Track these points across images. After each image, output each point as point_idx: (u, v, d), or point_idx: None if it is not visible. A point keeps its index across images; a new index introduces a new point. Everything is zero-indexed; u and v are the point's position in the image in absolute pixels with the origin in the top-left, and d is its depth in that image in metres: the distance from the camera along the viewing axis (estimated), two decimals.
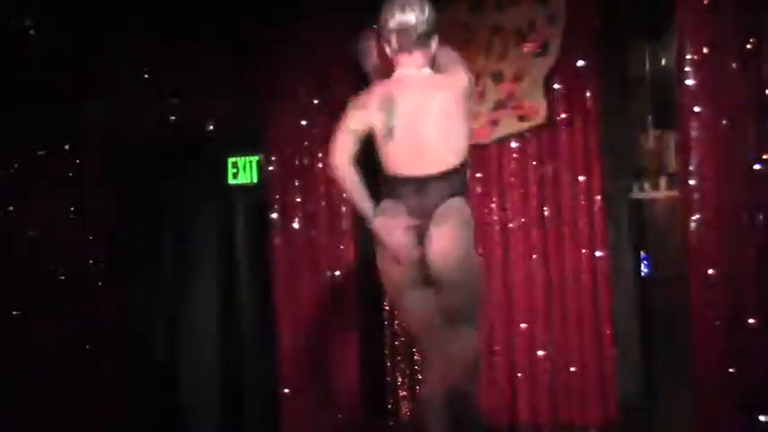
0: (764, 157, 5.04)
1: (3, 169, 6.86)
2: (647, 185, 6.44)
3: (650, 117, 6.44)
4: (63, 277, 6.87)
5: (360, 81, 6.69)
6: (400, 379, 6.73)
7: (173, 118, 7.16)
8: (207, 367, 7.14)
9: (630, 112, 6.44)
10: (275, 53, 6.95)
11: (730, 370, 5.10)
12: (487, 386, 6.31)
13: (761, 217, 5.04)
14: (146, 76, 7.11)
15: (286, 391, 6.78)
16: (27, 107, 6.68)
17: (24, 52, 6.63)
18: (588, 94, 6.27)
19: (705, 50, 5.19)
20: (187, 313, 7.27)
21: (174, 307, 7.29)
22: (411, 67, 4.32)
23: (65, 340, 6.65)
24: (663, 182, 6.37)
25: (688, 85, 5.23)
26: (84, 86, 6.81)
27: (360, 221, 6.76)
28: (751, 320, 5.06)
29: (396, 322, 6.75)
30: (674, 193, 5.87)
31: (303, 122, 6.90)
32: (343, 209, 6.81)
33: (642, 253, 6.49)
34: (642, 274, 6.46)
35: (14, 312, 6.68)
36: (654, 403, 6.14)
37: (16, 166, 6.94)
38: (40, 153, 6.96)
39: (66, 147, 7.05)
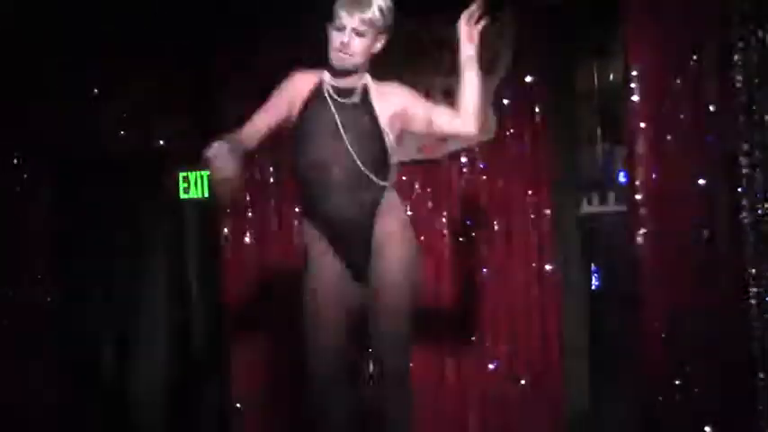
0: (708, 172, 5.08)
1: None
2: (595, 200, 6.48)
3: (599, 131, 6.49)
4: (10, 294, 6.81)
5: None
6: None
7: (122, 132, 7.10)
8: (157, 388, 7.08)
9: (579, 127, 6.48)
10: (231, 70, 6.92)
11: (676, 382, 5.13)
12: (436, 398, 6.32)
13: (706, 231, 5.08)
14: (95, 90, 7.06)
15: (238, 406, 6.74)
16: None
17: None
18: (537, 109, 6.31)
19: (650, 66, 5.24)
20: (138, 332, 7.21)
21: (125, 327, 7.22)
22: None
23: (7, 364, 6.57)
24: (611, 196, 6.42)
25: (634, 101, 5.28)
26: (32, 98, 6.75)
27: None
28: (697, 332, 5.09)
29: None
30: (623, 207, 5.91)
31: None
32: (296, 223, 6.79)
33: (592, 266, 6.53)
34: (592, 287, 6.49)
35: None
36: (602, 418, 6.16)
37: None
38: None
39: (15, 161, 6.98)
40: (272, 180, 6.84)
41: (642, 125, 5.26)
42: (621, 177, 6.03)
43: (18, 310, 6.72)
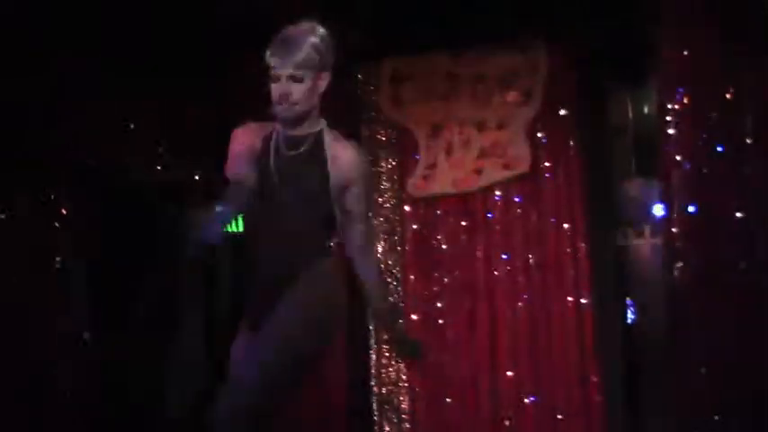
0: (745, 204, 5.08)
1: None
2: (631, 232, 6.48)
3: (634, 164, 6.49)
4: (48, 329, 6.88)
5: (341, 130, 6.85)
6: (388, 428, 6.70)
7: (159, 167, 7.17)
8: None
9: (614, 160, 6.48)
10: (261, 102, 6.96)
11: (715, 417, 5.10)
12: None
13: (743, 263, 5.07)
14: (131, 126, 7.14)
15: None
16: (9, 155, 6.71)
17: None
18: (571, 143, 6.33)
19: (686, 100, 5.25)
20: (174, 360, 7.25)
21: (160, 354, 7.27)
22: None
23: (42, 395, 6.63)
24: (647, 229, 6.41)
25: (670, 134, 5.29)
26: (72, 133, 6.83)
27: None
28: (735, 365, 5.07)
29: (383, 371, 6.74)
30: (658, 240, 5.90)
31: None
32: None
33: (628, 299, 6.52)
34: (628, 320, 6.47)
35: None
36: None
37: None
38: (24, 202, 6.99)
39: (52, 197, 7.07)
40: None
41: (678, 158, 5.27)
42: (657, 210, 6.02)
43: (54, 340, 6.81)
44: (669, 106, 5.29)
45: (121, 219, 7.04)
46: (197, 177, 7.13)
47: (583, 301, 6.25)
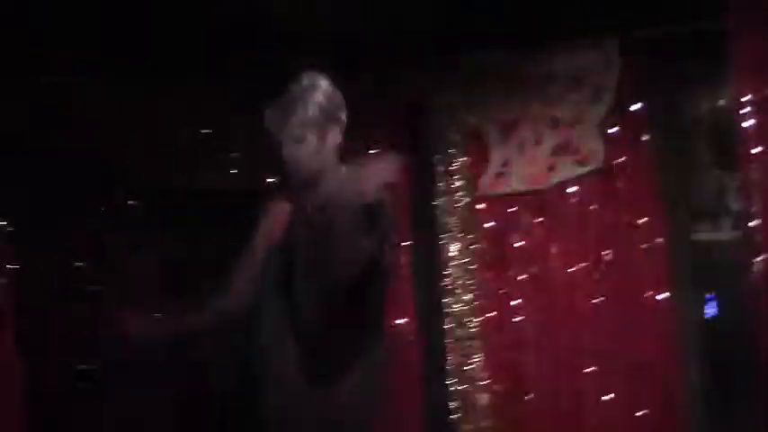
0: None
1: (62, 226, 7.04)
2: (709, 227, 6.40)
3: (711, 158, 6.41)
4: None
5: (414, 131, 6.88)
6: (467, 426, 6.69)
7: (234, 171, 7.25)
8: None
9: (689, 154, 6.41)
10: None
11: None
12: (555, 430, 6.31)
13: None
14: (206, 131, 7.22)
15: None
16: (82, 163, 6.84)
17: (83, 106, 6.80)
18: (645, 137, 6.27)
19: (762, 90, 5.18)
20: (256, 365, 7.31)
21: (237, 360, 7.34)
22: None
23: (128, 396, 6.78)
24: (725, 223, 6.33)
25: (747, 126, 5.22)
26: (141, 137, 6.94)
27: (422, 270, 6.83)
28: None
29: (462, 369, 6.73)
30: (737, 233, 5.83)
31: None
32: (403, 258, 6.85)
33: (707, 294, 6.44)
34: (707, 316, 6.40)
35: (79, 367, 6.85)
36: None
37: (77, 221, 7.11)
38: (102, 208, 7.12)
39: (130, 202, 7.19)
40: None
41: (755, 150, 5.20)
42: (735, 204, 5.95)
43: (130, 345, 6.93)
44: (746, 98, 5.21)
45: (193, 224, 7.14)
46: (271, 180, 7.20)
47: (661, 296, 6.19)
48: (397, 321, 6.77)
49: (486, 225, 6.69)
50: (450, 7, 6.18)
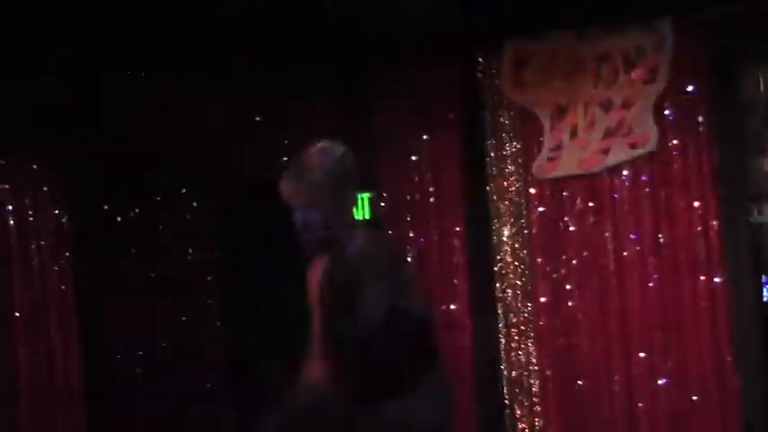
0: None
1: (123, 215, 7.13)
2: (765, 209, 6.31)
3: (766, 139, 6.31)
4: (184, 319, 7.10)
5: (466, 116, 6.86)
6: (519, 411, 6.68)
7: (284, 159, 7.28)
8: None
9: (745, 135, 6.32)
10: (386, 92, 7.05)
11: None
12: (607, 415, 6.27)
13: None
14: (257, 118, 7.26)
15: None
16: (142, 158, 6.92)
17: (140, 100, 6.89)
18: (700, 119, 6.20)
19: None
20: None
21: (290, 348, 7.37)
22: None
23: (181, 380, 6.86)
24: None
25: None
26: (197, 129, 7.00)
27: (474, 254, 6.82)
28: None
29: (513, 354, 6.72)
30: None
31: (413, 158, 6.97)
32: (456, 242, 6.85)
33: (763, 278, 6.35)
34: (764, 299, 6.31)
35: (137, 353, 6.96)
36: None
37: (137, 210, 7.20)
38: (157, 198, 7.21)
39: (183, 191, 7.27)
40: (431, 200, 6.92)
41: None
42: None
43: (185, 331, 7.03)
44: None
45: (250, 211, 7.19)
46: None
47: (716, 280, 6.12)
48: (450, 306, 6.79)
49: (538, 209, 6.66)
50: None
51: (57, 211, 6.92)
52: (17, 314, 6.76)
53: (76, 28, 6.16)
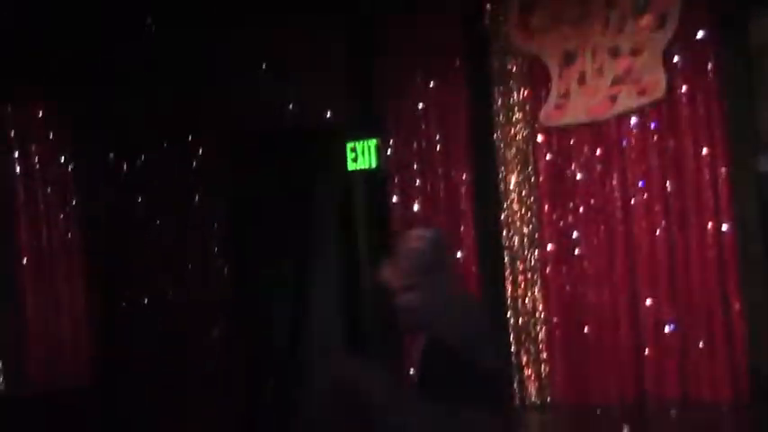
0: None
1: (129, 163, 7.11)
2: None
3: None
4: (190, 266, 7.10)
5: (473, 62, 6.83)
6: (525, 357, 6.70)
7: (290, 106, 7.25)
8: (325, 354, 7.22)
9: (755, 83, 6.27)
10: (391, 39, 7.01)
11: None
12: (613, 362, 6.30)
13: None
14: (263, 65, 7.23)
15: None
16: (145, 101, 6.90)
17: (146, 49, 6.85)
18: (709, 66, 6.15)
19: None
20: (311, 300, 7.37)
21: (298, 294, 7.40)
22: None
23: (190, 329, 6.87)
24: None
25: None
26: (202, 77, 6.97)
27: (481, 202, 6.82)
28: None
29: (520, 302, 6.73)
30: None
31: (420, 105, 6.94)
32: (463, 190, 6.84)
33: None
34: None
35: (143, 300, 6.97)
36: None
37: (143, 158, 7.18)
38: (165, 145, 7.20)
39: (189, 138, 7.25)
40: (438, 148, 6.90)
41: None
42: None
43: (195, 278, 7.03)
44: None
45: (255, 159, 7.18)
46: (328, 116, 7.19)
47: (724, 227, 6.11)
48: (457, 254, 6.78)
49: (546, 157, 6.64)
50: None
51: (62, 159, 6.92)
52: (24, 261, 6.78)
53: None
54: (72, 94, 6.83)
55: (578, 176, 6.55)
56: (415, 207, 6.97)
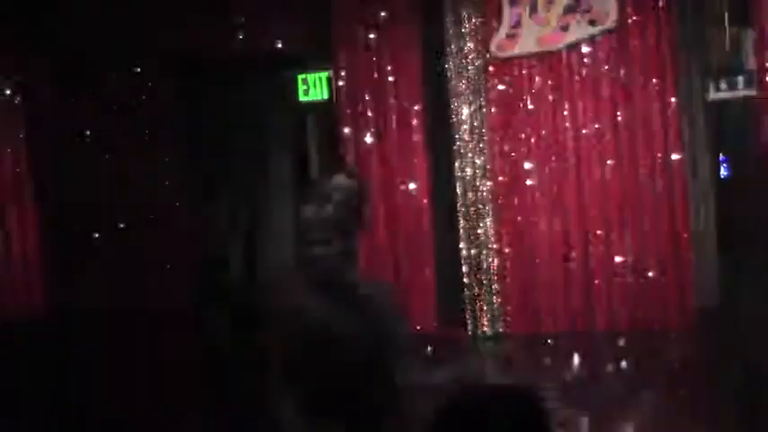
0: None
1: (79, 95, 7.00)
2: (723, 85, 6.28)
3: (726, 15, 6.25)
4: (144, 199, 7.04)
5: None
6: (477, 289, 6.72)
7: (241, 36, 7.15)
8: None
9: (705, 11, 6.25)
10: None
11: None
12: (564, 292, 6.34)
13: None
14: None
15: None
16: (97, 32, 6.76)
17: None
18: None
19: None
20: (264, 229, 7.35)
21: (252, 224, 7.38)
22: None
23: (147, 262, 6.82)
24: (740, 81, 6.21)
25: None
26: (153, 7, 6.84)
27: (432, 134, 6.79)
28: None
29: (472, 233, 6.73)
30: (752, 92, 5.73)
31: (371, 36, 6.86)
32: (415, 122, 6.80)
33: (720, 155, 6.37)
34: (720, 176, 6.34)
35: (96, 235, 6.91)
36: (732, 308, 6.05)
37: (91, 91, 7.07)
38: (113, 76, 7.08)
39: (138, 69, 7.13)
40: (390, 79, 6.84)
41: None
42: (751, 61, 5.82)
43: (150, 210, 6.98)
44: None
45: (206, 89, 7.09)
46: (279, 46, 7.09)
47: (674, 157, 6.13)
48: (410, 186, 6.77)
49: (497, 88, 6.61)
50: None
51: (8, 91, 6.80)
52: None
53: None
54: (17, 24, 6.68)
55: (530, 107, 6.52)
56: (368, 139, 6.91)
